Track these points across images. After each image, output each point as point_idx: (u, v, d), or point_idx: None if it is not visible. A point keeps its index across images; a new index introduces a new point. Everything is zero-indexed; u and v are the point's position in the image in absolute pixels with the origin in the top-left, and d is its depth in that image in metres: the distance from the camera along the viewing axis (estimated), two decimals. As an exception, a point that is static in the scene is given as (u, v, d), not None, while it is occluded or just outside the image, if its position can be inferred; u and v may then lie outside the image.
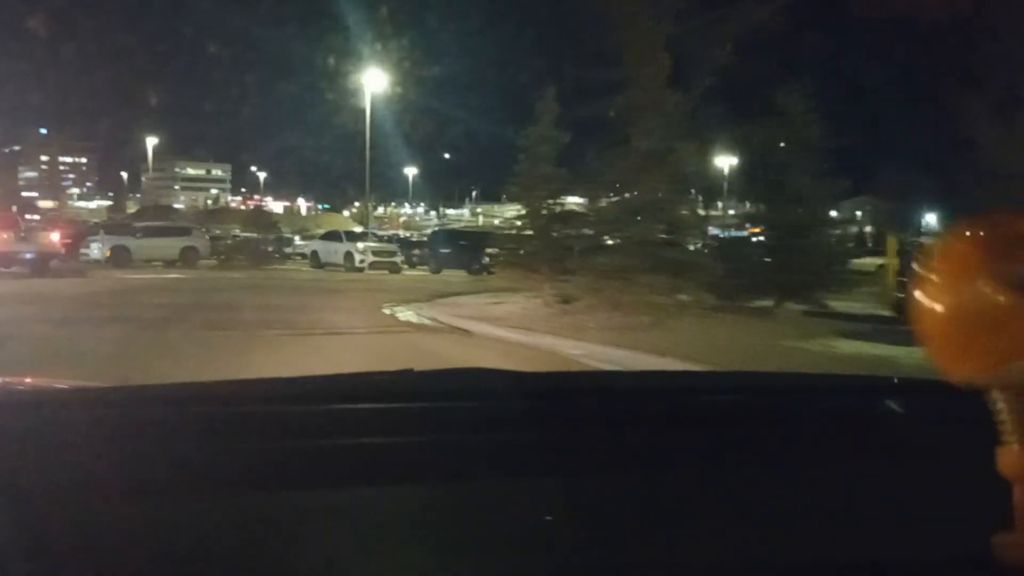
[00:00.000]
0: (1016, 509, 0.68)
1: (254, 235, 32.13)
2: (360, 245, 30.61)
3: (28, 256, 23.55)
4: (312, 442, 1.04)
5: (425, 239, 38.95)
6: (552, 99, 14.75)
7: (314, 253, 32.79)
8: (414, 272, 30.71)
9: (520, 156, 15.26)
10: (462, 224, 77.76)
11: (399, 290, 19.63)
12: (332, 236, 33.34)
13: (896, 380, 1.43)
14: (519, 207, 16.27)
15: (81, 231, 33.60)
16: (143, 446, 0.99)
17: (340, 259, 30.47)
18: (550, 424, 1.15)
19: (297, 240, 39.89)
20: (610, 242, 13.08)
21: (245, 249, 30.16)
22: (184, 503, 0.90)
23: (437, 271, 31.08)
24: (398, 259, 30.89)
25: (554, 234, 14.67)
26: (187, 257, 30.61)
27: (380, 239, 34.18)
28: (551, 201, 15.11)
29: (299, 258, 35.61)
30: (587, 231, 14.01)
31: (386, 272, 29.01)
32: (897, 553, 0.94)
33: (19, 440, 0.97)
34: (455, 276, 28.10)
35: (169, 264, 29.98)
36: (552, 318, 12.00)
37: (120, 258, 29.10)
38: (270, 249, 30.61)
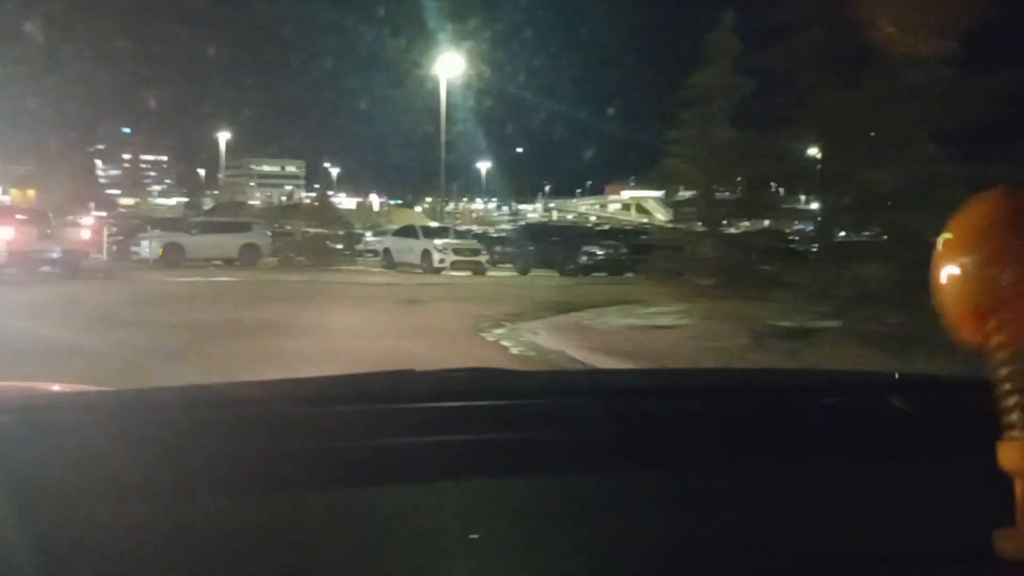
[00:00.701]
0: (1017, 504, 0.68)
1: (323, 231, 27.86)
2: (439, 242, 26.13)
3: (54, 255, 19.82)
4: (314, 444, 1.03)
5: (504, 234, 34.38)
6: (729, 31, 9.91)
7: (386, 251, 28.61)
8: (498, 273, 26.24)
9: (678, 118, 10.38)
10: (537, 219, 73.11)
11: (492, 299, 15.24)
12: (407, 232, 28.73)
13: (897, 376, 1.47)
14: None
15: (132, 227, 30.08)
16: (144, 450, 0.98)
17: (416, 258, 26.13)
18: (553, 423, 1.15)
19: (368, 236, 35.89)
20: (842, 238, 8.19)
21: (309, 247, 25.87)
22: (188, 506, 0.89)
23: (524, 271, 26.62)
24: (482, 258, 26.40)
25: (731, 228, 9.75)
26: (246, 255, 26.82)
27: (460, 235, 29.61)
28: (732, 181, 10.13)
29: (369, 256, 31.79)
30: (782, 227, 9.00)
31: (468, 273, 24.63)
32: (899, 549, 0.87)
33: (24, 444, 0.97)
34: (548, 278, 23.85)
35: (228, 263, 26.23)
36: (773, 363, 7.25)
37: (173, 257, 25.42)
38: (338, 247, 26.20)
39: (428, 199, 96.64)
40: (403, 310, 13.57)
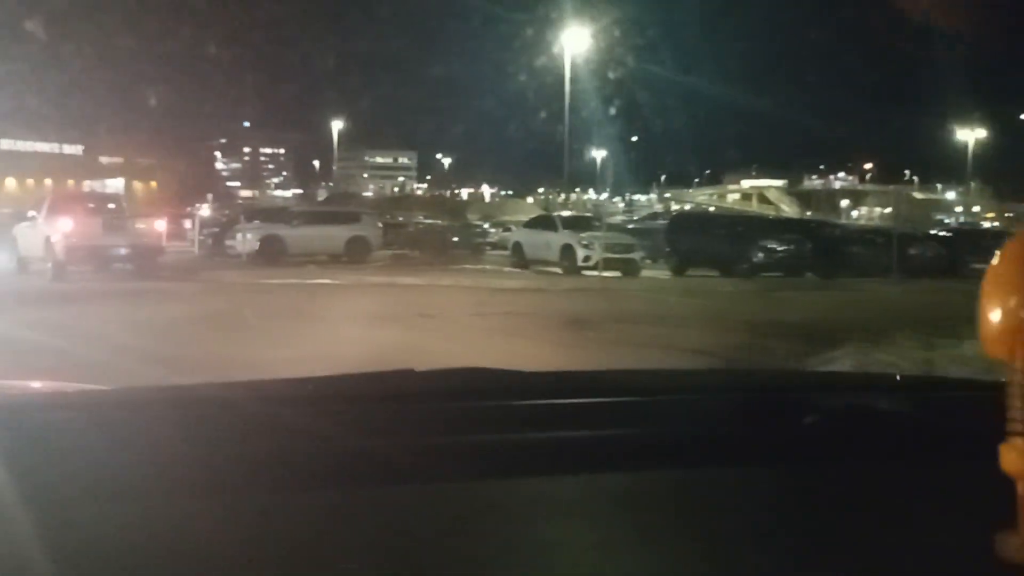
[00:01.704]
0: (1020, 506, 0.66)
1: (438, 223, 22.94)
2: (584, 236, 20.66)
3: (121, 251, 15.92)
4: (313, 444, 1.02)
5: (644, 226, 28.65)
6: None
7: (516, 246, 23.21)
8: (648, 273, 20.96)
9: None
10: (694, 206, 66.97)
11: (689, 320, 10.20)
12: (542, 223, 23.21)
13: (898, 377, 1.54)
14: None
15: (230, 218, 26.33)
16: (144, 449, 0.97)
17: (553, 254, 20.92)
18: (555, 423, 1.13)
19: (487, 228, 31.24)
20: None
21: (426, 240, 21.13)
22: (188, 505, 0.88)
23: (679, 271, 21.37)
24: (637, 255, 20.90)
25: None
26: (354, 250, 22.66)
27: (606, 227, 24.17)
28: None
29: (488, 249, 27.21)
30: None
31: (617, 274, 19.47)
32: (899, 551, 0.85)
33: (28, 443, 0.97)
34: (720, 282, 18.77)
35: (333, 259, 22.12)
36: None
37: (271, 251, 21.49)
38: (455, 239, 21.37)
39: (540, 189, 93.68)
40: (583, 341, 8.64)
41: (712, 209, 67.30)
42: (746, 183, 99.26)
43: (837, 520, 0.92)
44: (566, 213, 26.87)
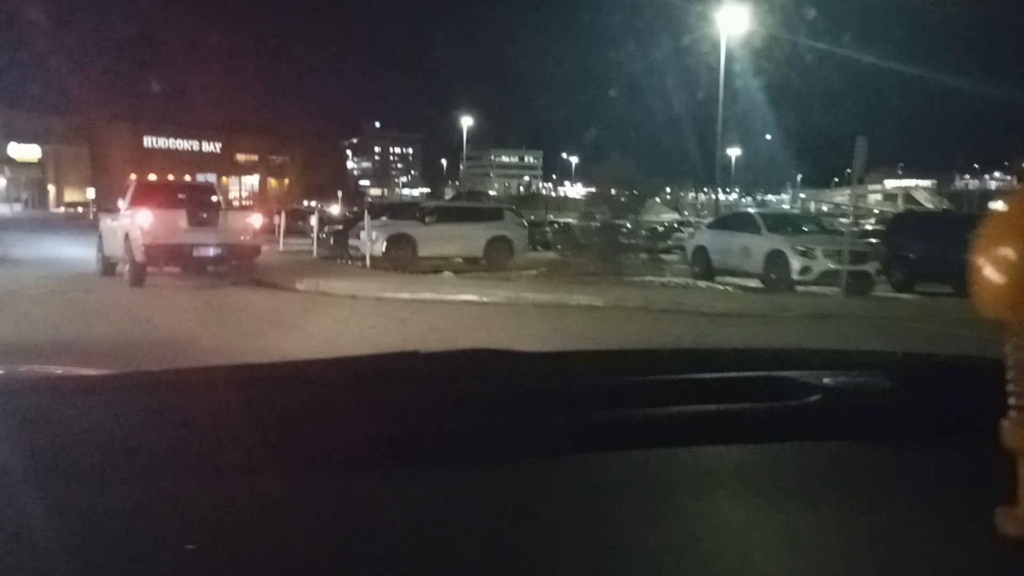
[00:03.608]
0: (1019, 482, 0.66)
1: (593, 222, 17.84)
2: (799, 241, 15.17)
3: (210, 252, 12.10)
4: (318, 426, 0.99)
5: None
6: None
7: (699, 252, 17.34)
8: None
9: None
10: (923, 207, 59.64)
11: None
12: (736, 223, 17.31)
13: (900, 354, 1.43)
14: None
15: (354, 215, 22.48)
16: (150, 431, 0.95)
17: (755, 264, 15.40)
18: (562, 404, 1.10)
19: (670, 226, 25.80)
20: None
21: (588, 243, 16.11)
22: (195, 486, 0.86)
23: (905, 286, 15.80)
24: (871, 266, 15.04)
25: None
26: (495, 252, 18.45)
27: (821, 229, 18.36)
28: None
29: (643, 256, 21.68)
30: None
31: (835, 289, 13.98)
32: (898, 528, 0.83)
33: (29, 426, 0.95)
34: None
35: (469, 262, 17.91)
36: None
37: (399, 253, 17.47)
38: (625, 242, 16.26)
39: (667, 188, 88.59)
40: None
41: (942, 208, 59.12)
42: (889, 183, 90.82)
43: (838, 496, 0.90)
44: (778, 210, 21.17)
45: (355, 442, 0.94)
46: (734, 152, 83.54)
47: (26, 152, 60.47)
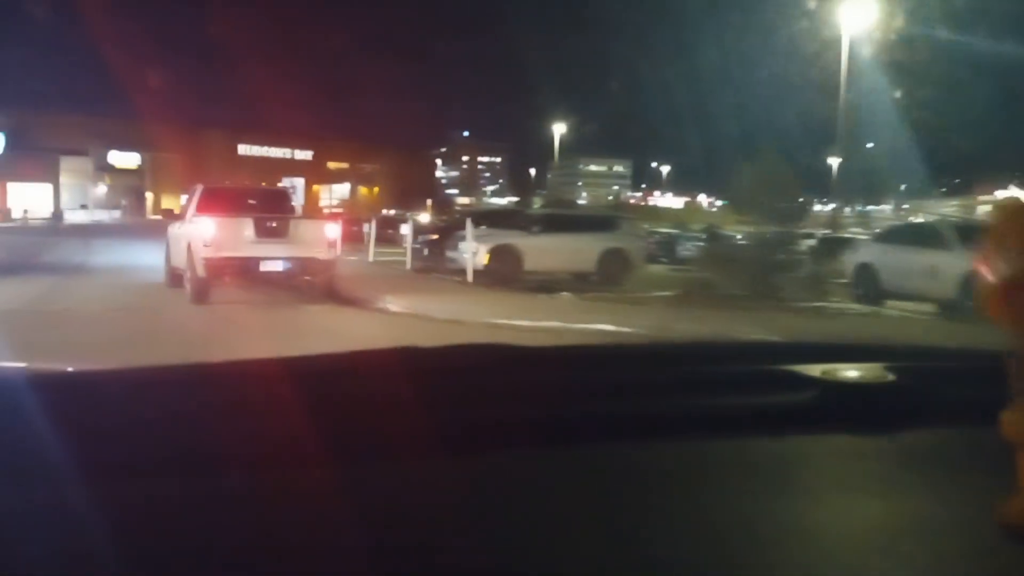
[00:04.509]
0: (1019, 473, 0.67)
1: (763, 231, 14.41)
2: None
3: (280, 267, 10.04)
4: (314, 421, 0.97)
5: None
6: None
7: (863, 271, 13.90)
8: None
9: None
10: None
11: None
12: (912, 236, 13.89)
13: (900, 345, 1.44)
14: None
15: (450, 223, 20.23)
16: (143, 428, 0.93)
17: (943, 287, 11.60)
18: (561, 397, 1.09)
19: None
20: None
21: (736, 268, 12.99)
22: (191, 482, 0.85)
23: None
24: None
25: None
26: (610, 266, 15.99)
27: None
28: None
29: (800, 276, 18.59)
30: None
31: None
32: (900, 518, 0.85)
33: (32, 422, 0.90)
34: None
35: (579, 278, 15.48)
36: None
37: (503, 267, 15.19)
38: (783, 259, 13.24)
39: (718, 201, 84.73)
40: None
41: None
42: (1001, 194, 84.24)
43: (841, 486, 0.91)
44: (949, 220, 17.70)
45: (347, 436, 0.92)
46: (835, 161, 79.12)
47: (126, 160, 61.36)
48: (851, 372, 1.13)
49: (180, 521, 0.78)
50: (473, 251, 15.18)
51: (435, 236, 19.02)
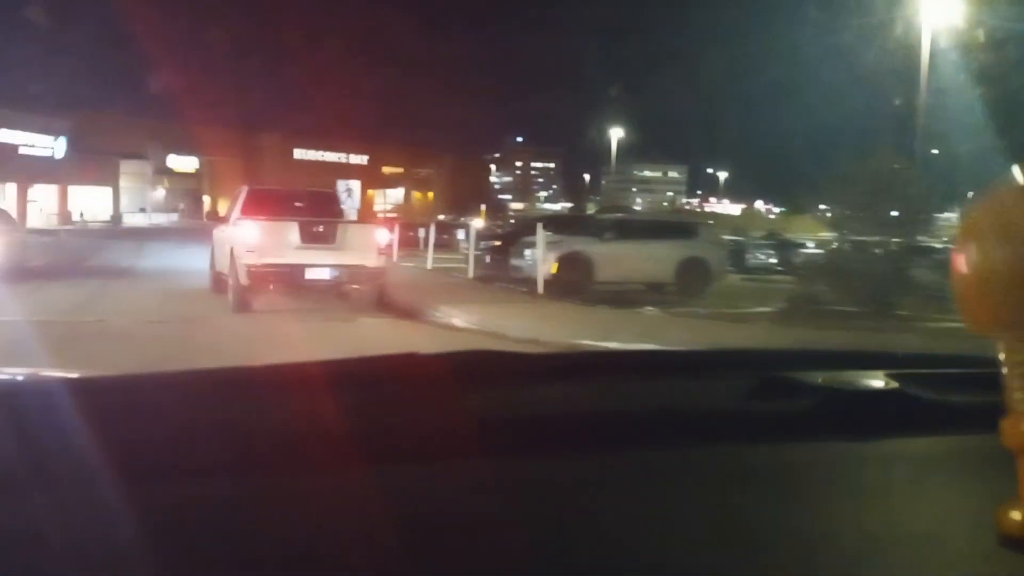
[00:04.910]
0: (1020, 480, 0.65)
1: (889, 240, 12.52)
2: None
3: (326, 276, 8.85)
4: (316, 426, 0.98)
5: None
6: None
7: None
8: None
9: None
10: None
11: None
12: None
13: (900, 355, 1.40)
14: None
15: (514, 229, 18.91)
16: (148, 432, 0.94)
17: None
18: (559, 404, 1.11)
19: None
20: None
21: (855, 281, 11.27)
22: (195, 487, 0.85)
23: None
24: None
25: None
26: (689, 277, 14.61)
27: None
28: None
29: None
30: None
31: None
32: (900, 527, 0.84)
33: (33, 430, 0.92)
34: None
35: (653, 289, 14.06)
36: None
37: (573, 276, 13.92)
38: (905, 272, 11.58)
39: (822, 206, 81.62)
40: None
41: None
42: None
43: (841, 495, 0.91)
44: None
45: (346, 442, 0.93)
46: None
47: (184, 163, 61.66)
48: (834, 379, 1.13)
49: (208, 525, 0.78)
50: (540, 258, 13.83)
51: (498, 243, 17.69)
